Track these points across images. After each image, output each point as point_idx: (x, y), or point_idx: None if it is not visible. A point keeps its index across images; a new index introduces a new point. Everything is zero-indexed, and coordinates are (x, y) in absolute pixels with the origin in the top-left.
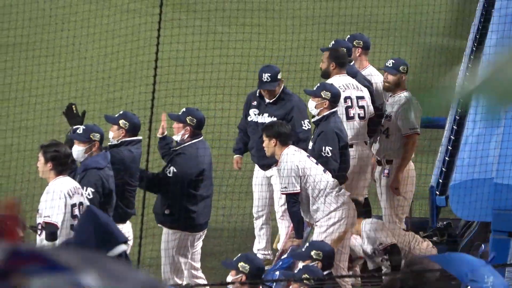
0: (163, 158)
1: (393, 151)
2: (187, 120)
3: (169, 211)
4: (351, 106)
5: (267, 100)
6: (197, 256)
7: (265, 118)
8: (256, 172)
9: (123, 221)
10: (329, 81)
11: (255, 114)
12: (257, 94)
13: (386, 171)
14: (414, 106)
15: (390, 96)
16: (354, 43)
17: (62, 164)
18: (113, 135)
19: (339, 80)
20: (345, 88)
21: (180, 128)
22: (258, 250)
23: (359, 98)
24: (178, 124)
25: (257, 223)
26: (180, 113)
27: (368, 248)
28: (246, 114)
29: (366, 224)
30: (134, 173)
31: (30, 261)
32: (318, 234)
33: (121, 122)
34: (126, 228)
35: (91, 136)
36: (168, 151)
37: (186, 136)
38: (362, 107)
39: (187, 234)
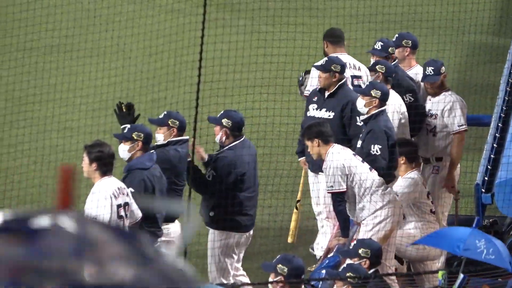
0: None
1: (442, 149)
2: (223, 122)
3: (213, 213)
4: None
5: (326, 94)
6: (240, 257)
7: (323, 113)
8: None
9: (171, 220)
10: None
11: (313, 109)
12: (317, 89)
13: (436, 168)
14: (459, 103)
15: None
16: (403, 43)
17: (107, 164)
18: (164, 136)
19: None
20: None
21: (218, 130)
22: (322, 247)
23: (355, 77)
24: (217, 127)
25: (318, 220)
26: (218, 116)
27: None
28: (306, 111)
29: (414, 173)
30: (181, 173)
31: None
32: (364, 232)
33: (170, 121)
34: (174, 228)
35: (133, 136)
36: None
37: (224, 138)
38: (358, 86)
39: (233, 234)
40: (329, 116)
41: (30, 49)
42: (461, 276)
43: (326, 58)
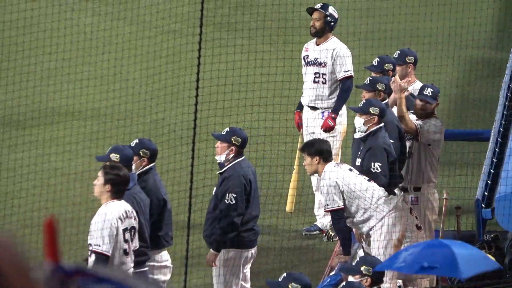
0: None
1: (420, 177)
2: (232, 140)
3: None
4: None
5: None
6: (247, 276)
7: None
8: None
9: (163, 246)
10: (331, 41)
11: (358, 131)
12: None
13: (413, 197)
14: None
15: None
16: (406, 60)
17: (120, 188)
18: (135, 166)
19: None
20: None
21: (225, 147)
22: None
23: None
24: (222, 144)
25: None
26: (224, 133)
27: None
28: (354, 133)
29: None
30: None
31: (76, 276)
32: (377, 241)
33: (142, 152)
34: (166, 254)
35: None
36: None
37: (231, 156)
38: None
39: (239, 251)
40: None
41: (28, 73)
42: None
43: (370, 78)
